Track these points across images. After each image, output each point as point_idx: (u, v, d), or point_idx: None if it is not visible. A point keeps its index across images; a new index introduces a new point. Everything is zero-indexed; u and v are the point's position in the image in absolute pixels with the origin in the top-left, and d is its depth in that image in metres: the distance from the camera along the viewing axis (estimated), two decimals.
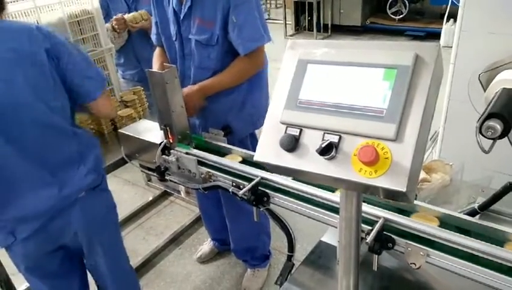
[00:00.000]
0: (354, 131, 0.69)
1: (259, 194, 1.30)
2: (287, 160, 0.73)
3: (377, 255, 1.10)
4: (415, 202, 1.19)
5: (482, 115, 0.71)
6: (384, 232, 1.08)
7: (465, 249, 1.00)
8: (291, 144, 0.72)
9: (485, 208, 1.06)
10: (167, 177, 1.55)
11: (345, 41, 0.76)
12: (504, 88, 0.76)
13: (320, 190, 1.20)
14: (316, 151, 0.69)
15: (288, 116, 0.75)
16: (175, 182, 1.55)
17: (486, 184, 1.42)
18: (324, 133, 0.71)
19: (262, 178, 1.31)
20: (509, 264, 0.95)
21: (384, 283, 1.13)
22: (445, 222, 1.10)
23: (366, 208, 1.12)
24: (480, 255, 0.99)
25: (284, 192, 1.29)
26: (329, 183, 0.93)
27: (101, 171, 1.57)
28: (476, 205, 1.07)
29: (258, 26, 1.79)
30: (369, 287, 1.13)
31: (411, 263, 1.06)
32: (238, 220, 2.25)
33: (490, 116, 0.67)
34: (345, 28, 7.80)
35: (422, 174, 1.53)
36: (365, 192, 0.87)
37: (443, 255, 1.02)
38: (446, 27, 6.02)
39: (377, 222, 1.08)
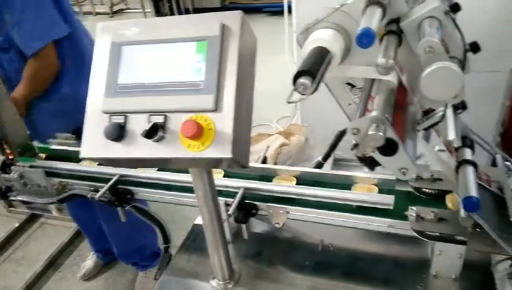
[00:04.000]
0: (178, 108, 0.68)
1: (121, 193, 1.23)
2: (116, 150, 0.69)
3: (244, 225, 1.15)
4: (275, 167, 1.25)
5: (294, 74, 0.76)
6: (247, 201, 1.12)
7: (317, 199, 1.09)
8: (117, 133, 0.68)
9: (326, 158, 1.17)
10: (13, 198, 1.36)
11: (155, 18, 0.73)
12: (314, 47, 0.82)
13: (180, 174, 1.19)
14: (142, 135, 0.66)
15: (109, 104, 0.71)
16: (23, 202, 1.37)
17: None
18: (149, 116, 0.69)
19: (121, 176, 1.24)
20: (357, 204, 1.07)
21: (257, 249, 1.18)
22: (301, 179, 1.18)
23: (225, 181, 1.14)
24: (332, 201, 1.09)
25: (148, 185, 1.24)
26: (163, 165, 0.92)
27: None
28: (319, 158, 1.17)
29: (41, 21, 1.60)
30: (242, 256, 1.17)
31: (275, 223, 1.12)
32: (117, 222, 2.12)
33: (300, 73, 0.72)
34: (206, 10, 7.81)
35: (282, 139, 1.64)
36: (214, 166, 0.88)
37: (300, 209, 1.10)
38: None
39: (237, 192, 1.11)
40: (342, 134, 1.10)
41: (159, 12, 8.04)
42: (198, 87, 0.67)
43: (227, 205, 1.12)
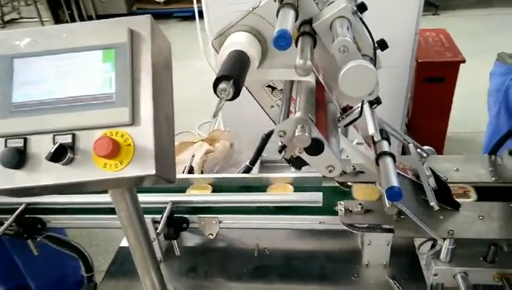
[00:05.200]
0: (88, 125, 0.61)
1: (30, 224, 1.09)
2: (17, 179, 0.60)
3: (175, 241, 1.09)
4: (201, 175, 1.21)
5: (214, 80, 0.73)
6: (176, 215, 1.06)
7: (247, 204, 1.07)
8: (16, 159, 0.59)
9: (254, 162, 1.16)
10: None
11: (53, 26, 0.65)
12: (231, 50, 0.80)
13: (97, 195, 1.08)
14: (47, 159, 0.58)
15: (3, 126, 0.61)
16: None
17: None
18: (54, 136, 0.61)
19: (28, 204, 1.10)
20: (287, 205, 1.07)
21: (191, 264, 1.13)
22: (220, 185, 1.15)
23: (150, 197, 1.07)
24: (263, 204, 1.08)
25: (60, 211, 1.12)
26: (77, 190, 0.84)
27: None
28: (247, 162, 1.16)
29: None
30: (176, 274, 1.10)
31: (209, 235, 1.08)
32: (30, 254, 1.89)
33: (221, 79, 0.69)
34: (112, 17, 7.39)
35: (206, 146, 1.59)
36: (136, 185, 0.81)
37: (233, 217, 1.07)
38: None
39: (165, 208, 1.04)
40: (267, 137, 1.10)
41: (58, 21, 7.45)
42: (110, 100, 0.60)
43: (155, 222, 1.05)
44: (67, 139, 0.60)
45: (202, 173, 1.43)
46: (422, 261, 1.02)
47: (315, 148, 0.73)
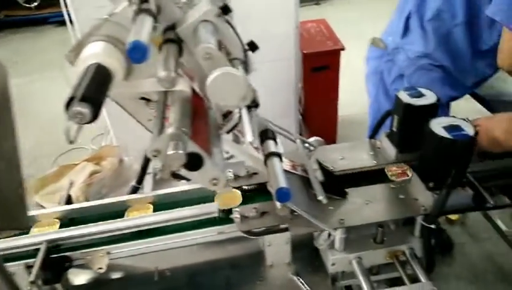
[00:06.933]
0: None
1: None
2: None
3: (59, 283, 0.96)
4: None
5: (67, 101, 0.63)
6: (54, 255, 0.93)
7: (135, 229, 0.99)
8: None
9: (140, 181, 1.07)
10: None
11: None
12: (88, 65, 0.70)
13: None
14: None
15: None
16: None
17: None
18: None
19: None
20: (183, 221, 1.01)
21: None
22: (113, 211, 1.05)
23: (21, 241, 0.92)
24: (157, 225, 1.00)
25: None
26: None
27: None
28: (134, 182, 1.06)
29: None
30: None
31: (98, 269, 0.97)
32: None
33: (73, 100, 0.59)
34: None
35: (91, 167, 1.44)
36: None
37: (123, 245, 0.98)
38: None
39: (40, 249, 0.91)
40: None
41: None
42: None
43: (29, 267, 0.91)
44: None
45: (87, 199, 1.28)
46: (321, 252, 1.05)
47: (194, 163, 0.68)
